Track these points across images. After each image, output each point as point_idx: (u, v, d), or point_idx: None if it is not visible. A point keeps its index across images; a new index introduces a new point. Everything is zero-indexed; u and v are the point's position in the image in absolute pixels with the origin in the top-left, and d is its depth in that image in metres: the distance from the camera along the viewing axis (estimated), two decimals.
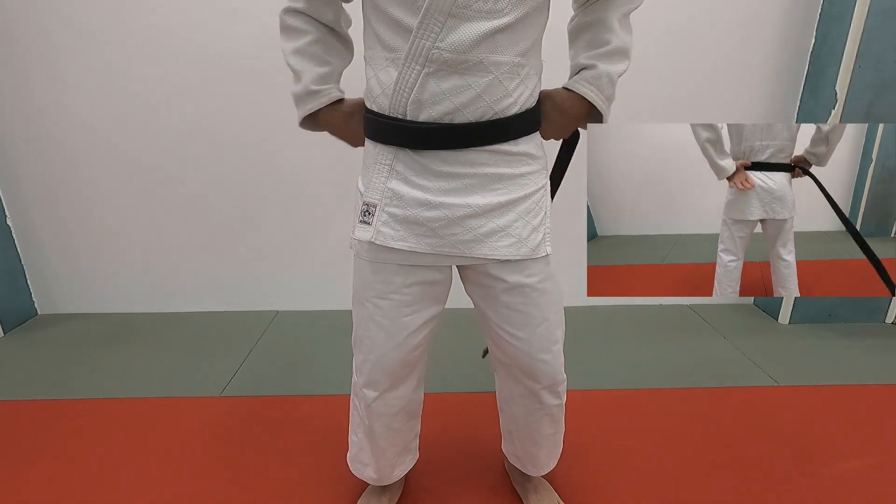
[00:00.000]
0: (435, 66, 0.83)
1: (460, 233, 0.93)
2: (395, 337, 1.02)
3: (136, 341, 2.16)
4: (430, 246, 0.94)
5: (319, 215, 2.32)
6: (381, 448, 1.17)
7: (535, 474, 1.28)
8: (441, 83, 0.84)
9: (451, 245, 0.94)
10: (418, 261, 0.97)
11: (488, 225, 0.93)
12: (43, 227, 2.30)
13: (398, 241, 0.93)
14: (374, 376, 1.07)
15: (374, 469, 1.21)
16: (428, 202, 0.91)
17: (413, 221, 0.92)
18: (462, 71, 0.83)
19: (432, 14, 0.80)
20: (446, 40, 0.81)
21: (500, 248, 0.95)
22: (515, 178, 0.94)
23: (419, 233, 0.93)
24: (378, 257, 0.97)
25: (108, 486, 1.38)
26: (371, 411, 1.11)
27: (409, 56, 0.83)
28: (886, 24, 1.92)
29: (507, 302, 1.00)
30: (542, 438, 1.19)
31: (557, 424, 1.19)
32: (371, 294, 1.00)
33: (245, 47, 2.07)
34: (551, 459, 1.26)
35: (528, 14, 0.85)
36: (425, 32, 0.81)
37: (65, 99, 2.12)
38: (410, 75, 0.84)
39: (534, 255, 0.98)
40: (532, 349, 1.04)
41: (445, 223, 0.92)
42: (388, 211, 0.93)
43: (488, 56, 0.83)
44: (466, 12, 0.80)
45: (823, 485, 1.39)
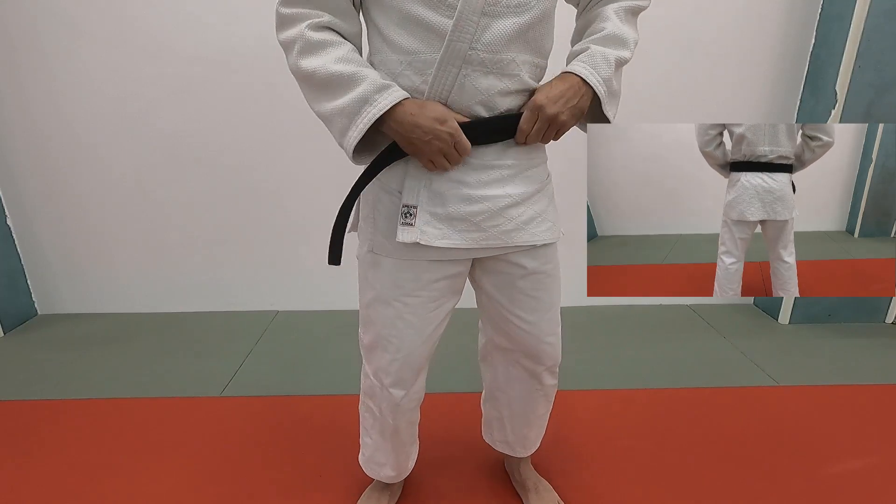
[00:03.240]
0: (471, 67, 0.84)
1: (503, 223, 0.95)
2: (424, 332, 1.04)
3: (136, 341, 2.16)
4: (474, 240, 0.94)
5: (320, 215, 2.31)
6: (402, 443, 1.18)
7: (522, 455, 1.32)
8: (477, 84, 0.85)
9: (495, 237, 0.95)
10: (454, 255, 0.97)
11: (528, 212, 0.96)
12: (43, 227, 2.30)
13: (442, 239, 0.93)
14: (403, 374, 1.07)
15: (391, 467, 1.22)
16: (469, 197, 0.92)
17: (455, 218, 0.93)
18: (496, 70, 0.85)
19: (467, 15, 0.81)
20: (481, 40, 0.83)
21: (539, 234, 0.99)
22: (540, 166, 0.99)
23: (462, 229, 0.93)
24: (411, 255, 0.96)
25: (108, 486, 1.38)
26: (398, 409, 1.11)
27: (444, 59, 0.83)
28: (886, 24, 1.92)
29: (522, 288, 1.04)
30: (536, 419, 1.24)
31: (549, 404, 1.25)
32: (400, 293, 1.00)
33: (245, 48, 2.07)
34: (538, 439, 1.31)
35: (548, 11, 0.88)
36: (461, 35, 0.82)
37: (64, 99, 2.12)
38: (447, 78, 0.84)
39: (561, 236, 1.05)
40: (541, 333, 1.08)
41: (488, 215, 0.93)
42: (429, 210, 0.92)
43: (518, 55, 0.86)
44: (497, 9, 0.82)
45: (823, 485, 1.39)
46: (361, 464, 1.27)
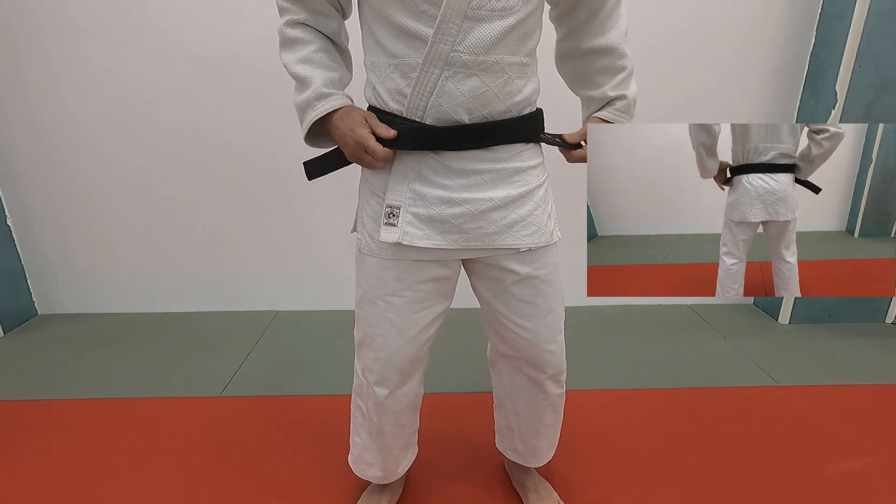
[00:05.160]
0: (453, 69, 0.84)
1: (484, 226, 0.95)
2: (407, 333, 1.04)
3: (136, 341, 2.16)
4: (456, 241, 0.95)
5: (319, 215, 2.32)
6: (388, 445, 1.18)
7: (534, 465, 1.30)
8: (460, 86, 0.86)
9: (476, 238, 0.96)
10: (437, 256, 0.98)
11: (510, 216, 0.96)
12: (43, 227, 2.30)
13: (424, 239, 0.94)
14: (386, 374, 1.07)
15: (379, 467, 1.21)
16: (450, 199, 0.93)
17: (437, 219, 0.94)
18: (480, 72, 0.85)
19: (449, 18, 0.81)
20: (464, 43, 0.83)
21: (522, 238, 0.98)
22: (528, 170, 0.98)
23: (443, 230, 0.94)
24: (395, 255, 0.98)
25: (108, 486, 1.38)
26: (382, 409, 1.11)
27: (427, 61, 0.84)
28: (886, 24, 1.92)
29: (517, 294, 1.03)
30: (544, 429, 1.22)
31: (558, 414, 1.22)
32: (383, 292, 1.01)
33: (245, 47, 2.07)
34: (550, 450, 1.29)
35: (533, 12, 0.88)
36: (443, 37, 0.82)
37: (64, 99, 2.12)
38: (429, 80, 0.85)
39: (550, 241, 1.02)
40: (540, 340, 1.07)
41: (469, 218, 0.94)
42: (412, 211, 0.94)
43: (504, 57, 0.86)
44: (480, 13, 0.82)
45: (823, 485, 1.39)
46: (350, 463, 1.26)
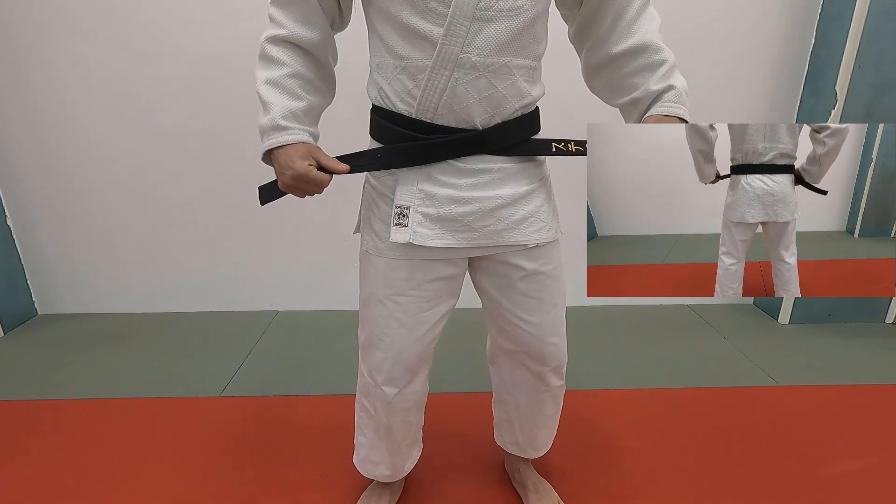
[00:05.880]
0: (463, 70, 0.85)
1: (494, 223, 0.96)
2: (415, 332, 1.04)
3: (136, 341, 2.16)
4: (465, 240, 0.96)
5: (320, 215, 2.32)
6: (396, 443, 1.18)
7: (533, 456, 1.32)
8: (470, 88, 0.86)
9: (485, 236, 0.96)
10: (446, 255, 0.98)
11: (519, 213, 0.97)
12: (43, 227, 2.30)
13: (435, 239, 0.95)
14: (395, 373, 1.08)
15: (386, 466, 1.22)
16: (459, 198, 0.93)
17: (447, 218, 0.94)
18: (489, 74, 0.86)
19: (458, 20, 0.81)
20: (473, 44, 0.83)
21: (531, 234, 0.99)
22: (534, 166, 1.00)
23: (453, 228, 0.95)
24: (403, 255, 0.98)
25: (108, 486, 1.38)
26: (391, 408, 1.11)
27: (436, 63, 0.84)
28: (886, 24, 1.92)
29: (523, 289, 1.04)
30: (544, 420, 1.24)
31: (557, 406, 1.24)
32: (391, 292, 1.01)
33: (244, 47, 2.06)
34: (549, 441, 1.31)
35: (541, 14, 0.89)
36: (452, 38, 0.82)
37: (64, 99, 2.12)
38: (439, 82, 0.85)
39: (555, 236, 1.05)
40: (544, 334, 1.09)
41: (478, 216, 0.95)
42: (422, 211, 0.94)
43: (512, 59, 0.87)
44: (489, 13, 0.82)
45: (823, 485, 1.39)
46: (355, 463, 1.27)
